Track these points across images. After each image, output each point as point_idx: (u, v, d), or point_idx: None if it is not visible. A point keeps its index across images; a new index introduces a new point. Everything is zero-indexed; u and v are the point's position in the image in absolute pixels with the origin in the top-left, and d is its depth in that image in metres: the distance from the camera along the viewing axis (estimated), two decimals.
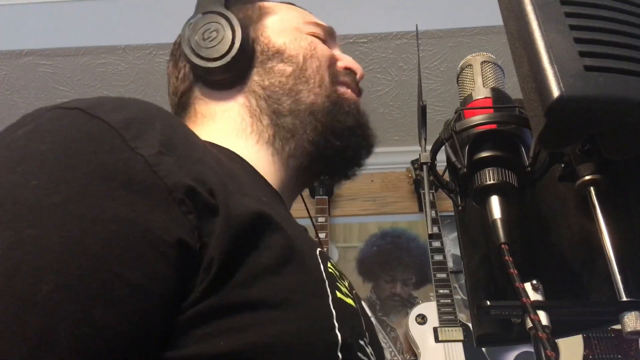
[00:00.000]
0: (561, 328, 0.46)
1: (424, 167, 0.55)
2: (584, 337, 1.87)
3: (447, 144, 0.54)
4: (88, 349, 0.32)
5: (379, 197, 2.41)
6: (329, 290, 0.48)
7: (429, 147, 0.55)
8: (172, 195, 0.38)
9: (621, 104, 0.37)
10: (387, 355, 0.58)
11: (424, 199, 0.61)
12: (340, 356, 0.43)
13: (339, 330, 0.44)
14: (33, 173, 0.36)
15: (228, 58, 0.62)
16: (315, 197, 2.22)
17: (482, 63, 0.58)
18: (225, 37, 0.63)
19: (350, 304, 0.51)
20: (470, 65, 0.58)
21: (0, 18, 2.01)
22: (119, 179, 0.37)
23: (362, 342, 0.48)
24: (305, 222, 2.38)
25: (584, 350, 1.85)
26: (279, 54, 0.66)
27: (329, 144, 0.65)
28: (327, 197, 2.24)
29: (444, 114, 2.16)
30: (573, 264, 0.55)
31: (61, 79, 2.10)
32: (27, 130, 0.39)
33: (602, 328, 1.82)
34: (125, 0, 2.00)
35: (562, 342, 1.79)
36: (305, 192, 2.25)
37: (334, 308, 0.46)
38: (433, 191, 1.95)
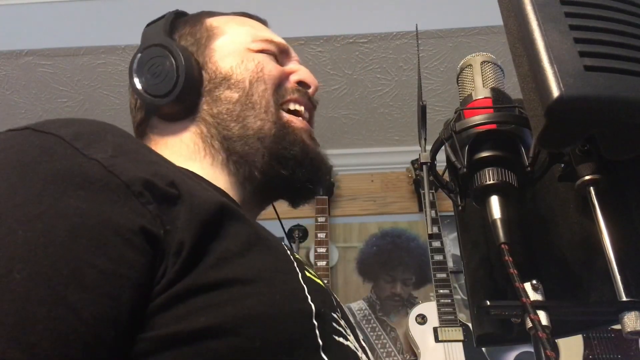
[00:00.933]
0: (561, 328, 0.46)
1: (424, 167, 0.55)
2: (584, 337, 1.87)
3: (447, 144, 0.54)
4: (66, 329, 0.34)
5: (379, 197, 2.41)
6: (297, 269, 0.51)
7: (429, 147, 0.55)
8: (129, 189, 0.41)
9: (621, 104, 0.37)
10: (359, 334, 0.58)
11: (424, 199, 0.61)
12: (315, 323, 0.45)
13: (311, 301, 0.47)
14: None
15: (175, 94, 0.63)
16: (315, 197, 2.22)
17: (482, 63, 0.58)
18: (170, 72, 0.63)
19: (319, 283, 0.53)
20: (470, 65, 0.58)
21: (0, 18, 2.01)
22: (76, 181, 0.39)
23: (335, 315, 0.50)
24: (307, 222, 2.35)
25: (584, 350, 1.85)
26: (225, 80, 0.66)
27: (276, 172, 0.65)
28: (327, 197, 2.25)
29: (444, 114, 2.16)
30: (573, 264, 0.55)
31: (61, 79, 2.10)
32: None
33: (602, 328, 1.82)
34: (125, 0, 2.00)
35: (562, 342, 1.79)
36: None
37: (304, 283, 0.49)
38: (433, 191, 1.95)
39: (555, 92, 0.36)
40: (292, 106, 0.69)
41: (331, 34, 1.92)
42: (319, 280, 0.54)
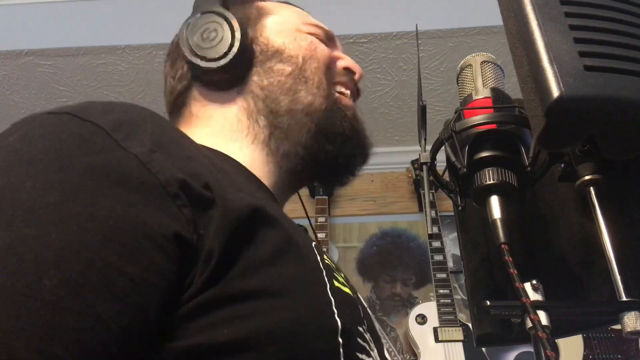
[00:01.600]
0: (561, 328, 0.46)
1: (424, 167, 0.55)
2: (584, 337, 1.87)
3: (447, 144, 0.54)
4: (93, 341, 0.33)
5: (379, 197, 2.41)
6: (326, 279, 0.49)
7: (429, 147, 0.55)
8: (166, 190, 0.39)
9: (621, 104, 0.37)
10: (386, 344, 0.58)
11: (424, 199, 0.61)
12: (340, 341, 0.44)
13: (338, 316, 0.45)
14: (27, 175, 0.37)
15: (227, 58, 0.62)
16: (315, 197, 2.22)
17: (482, 63, 0.58)
18: (224, 37, 0.62)
19: (347, 292, 0.52)
20: (470, 65, 0.58)
21: (0, 18, 2.01)
22: (113, 177, 0.38)
23: (360, 329, 0.49)
24: (305, 223, 2.38)
25: (584, 350, 1.85)
26: (278, 54, 0.66)
27: (322, 148, 0.65)
28: (327, 197, 2.25)
29: (444, 114, 2.16)
30: (573, 264, 0.55)
31: (61, 79, 2.10)
32: (18, 136, 0.40)
33: (602, 328, 1.82)
34: (125, 0, 2.00)
35: (562, 342, 1.79)
36: (305, 192, 2.25)
37: (332, 295, 0.47)
38: (433, 191, 1.95)
39: (555, 92, 0.36)
40: (339, 88, 0.70)
41: None
42: (347, 289, 0.52)
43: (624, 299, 0.42)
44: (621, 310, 0.42)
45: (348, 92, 0.70)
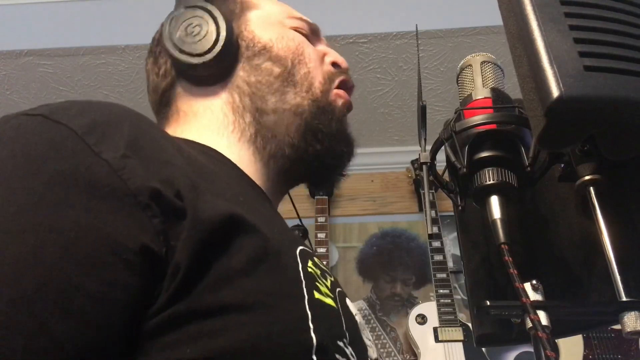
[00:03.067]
0: (561, 328, 0.46)
1: (424, 167, 0.55)
2: (584, 337, 1.87)
3: (447, 144, 0.54)
4: None
5: (379, 197, 2.41)
6: (305, 290, 0.46)
7: (429, 147, 0.55)
8: (136, 199, 0.37)
9: (621, 104, 0.37)
10: (373, 353, 0.57)
11: (424, 199, 0.61)
12: (314, 359, 0.41)
13: (314, 332, 0.43)
14: None
15: (213, 53, 0.61)
16: (315, 197, 2.22)
17: (482, 63, 0.58)
18: (209, 32, 0.61)
19: (328, 304, 0.49)
20: (470, 65, 0.58)
21: (0, 18, 2.01)
22: (81, 184, 0.36)
23: (340, 343, 0.47)
24: (307, 222, 2.36)
25: (584, 350, 1.85)
26: (265, 51, 0.65)
27: (310, 147, 0.64)
28: (327, 197, 2.24)
29: (444, 114, 2.16)
30: (573, 264, 0.55)
31: (61, 79, 2.10)
32: None
33: (602, 328, 1.82)
34: (125, 0, 2.00)
35: (562, 342, 1.79)
36: (305, 192, 2.25)
37: (309, 309, 0.44)
38: (433, 191, 1.95)
39: (555, 92, 0.36)
40: (334, 92, 0.68)
41: (331, 34, 1.92)
42: (329, 300, 0.49)
43: (624, 299, 0.42)
44: (621, 310, 0.42)
45: (342, 97, 0.69)
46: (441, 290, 1.90)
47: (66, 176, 0.36)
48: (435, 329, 1.84)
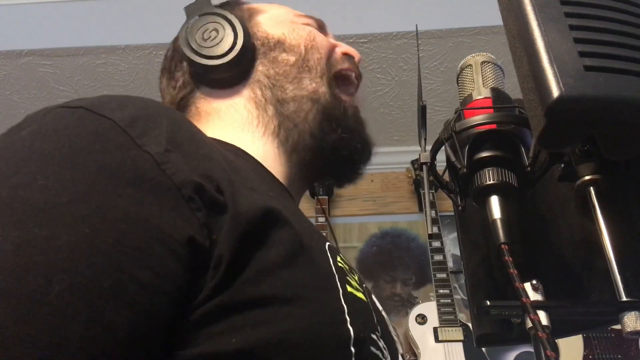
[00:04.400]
0: (561, 328, 0.46)
1: (424, 167, 0.55)
2: (584, 337, 1.87)
3: (447, 144, 0.54)
4: (99, 349, 0.32)
5: (379, 197, 2.41)
6: (339, 284, 0.47)
7: (429, 147, 0.55)
8: (180, 192, 0.38)
9: (621, 104, 0.37)
10: (400, 348, 0.58)
11: (424, 199, 0.61)
12: (353, 350, 0.43)
13: (350, 325, 0.44)
14: (39, 172, 0.35)
15: (233, 54, 0.63)
16: (315, 197, 2.22)
17: (482, 63, 0.58)
18: (226, 35, 0.63)
19: (361, 298, 0.50)
20: (470, 65, 0.58)
21: (0, 18, 2.01)
22: (127, 176, 0.37)
23: (374, 336, 0.48)
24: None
25: (584, 350, 1.85)
26: (280, 44, 0.68)
27: (326, 136, 0.66)
28: (327, 197, 2.24)
29: (444, 114, 2.15)
30: (573, 264, 0.55)
31: (61, 79, 2.10)
32: (31, 130, 0.39)
33: (602, 328, 1.82)
34: (125, 0, 2.00)
35: (562, 342, 1.79)
36: (305, 192, 2.24)
37: (344, 302, 0.46)
38: (433, 191, 1.95)
39: (555, 92, 0.36)
40: (345, 73, 0.71)
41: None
42: (360, 294, 0.51)
43: (624, 299, 0.42)
44: (621, 310, 0.42)
45: (353, 74, 0.72)
46: (441, 290, 1.90)
47: (113, 168, 0.37)
48: (435, 329, 1.84)
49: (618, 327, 0.42)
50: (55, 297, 0.31)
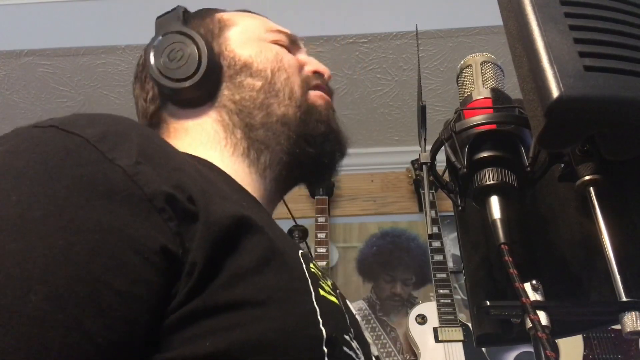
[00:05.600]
0: (561, 328, 0.46)
1: (424, 167, 0.55)
2: (584, 337, 1.87)
3: (447, 144, 0.54)
4: (79, 356, 0.32)
5: (379, 197, 2.41)
6: (312, 287, 0.49)
7: (429, 147, 0.55)
8: (152, 203, 0.39)
9: (621, 104, 0.37)
10: (375, 351, 0.58)
11: (424, 199, 0.61)
12: (325, 350, 0.44)
13: (323, 325, 0.45)
14: (13, 189, 0.36)
15: (198, 77, 0.63)
16: (315, 197, 2.22)
17: (482, 63, 0.58)
18: (191, 56, 0.63)
19: (333, 301, 0.52)
20: (470, 65, 0.58)
21: (0, 18, 2.01)
22: (99, 189, 0.38)
23: (346, 337, 0.49)
24: (307, 222, 2.35)
25: (584, 350, 1.85)
26: (246, 68, 0.67)
27: (304, 151, 0.66)
28: (327, 197, 2.24)
29: (444, 114, 2.15)
30: (573, 264, 0.55)
31: (61, 79, 2.10)
32: (3, 150, 0.40)
33: (602, 328, 1.82)
34: (125, 0, 2.00)
35: (562, 342, 1.79)
36: (305, 192, 2.25)
37: (317, 304, 0.47)
38: (433, 191, 1.95)
39: (555, 93, 0.36)
40: (312, 93, 0.70)
41: (331, 34, 1.92)
42: (333, 298, 0.52)
43: (624, 299, 0.42)
44: (621, 310, 0.42)
45: (320, 97, 0.71)
46: (441, 290, 1.90)
47: (85, 181, 0.38)
48: (435, 329, 1.84)
49: (618, 327, 0.42)
50: (33, 307, 0.32)
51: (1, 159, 0.39)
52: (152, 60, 0.63)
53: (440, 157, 0.55)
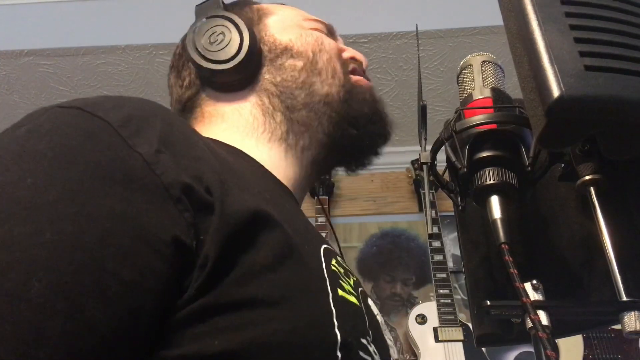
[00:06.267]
0: (561, 328, 0.46)
1: (424, 167, 0.55)
2: (584, 337, 1.87)
3: (447, 144, 0.54)
4: (79, 346, 0.32)
5: (379, 197, 2.41)
6: (329, 288, 0.47)
7: (429, 147, 0.55)
8: (168, 192, 0.38)
9: (621, 104, 0.37)
10: (394, 353, 0.57)
11: (424, 199, 0.61)
12: (339, 355, 0.42)
13: (338, 329, 0.44)
14: (29, 171, 0.36)
15: (239, 59, 0.62)
16: (316, 197, 2.22)
17: (482, 63, 0.58)
18: (232, 39, 0.63)
19: (352, 302, 0.50)
20: (470, 65, 0.58)
21: (0, 18, 2.01)
22: (116, 176, 0.37)
23: (363, 341, 0.47)
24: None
25: (584, 350, 1.85)
26: (287, 51, 0.67)
27: (346, 132, 0.66)
28: (327, 197, 2.24)
29: (444, 114, 2.15)
30: (573, 264, 0.55)
31: (61, 79, 2.10)
32: (26, 129, 0.39)
33: (602, 328, 1.82)
34: (125, 0, 2.00)
35: (562, 342, 1.79)
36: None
37: (334, 306, 0.45)
38: (433, 191, 1.95)
39: (556, 92, 0.36)
40: (354, 76, 0.70)
41: None
42: (352, 298, 0.50)
43: (624, 299, 0.42)
44: (621, 310, 0.42)
45: (363, 79, 0.71)
46: (441, 290, 1.90)
47: (102, 167, 0.37)
48: (435, 329, 1.84)
49: (618, 327, 0.42)
50: (34, 294, 0.31)
51: (22, 139, 0.38)
52: (193, 43, 0.63)
53: (441, 157, 0.55)
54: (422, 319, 1.90)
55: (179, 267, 0.37)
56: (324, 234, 2.09)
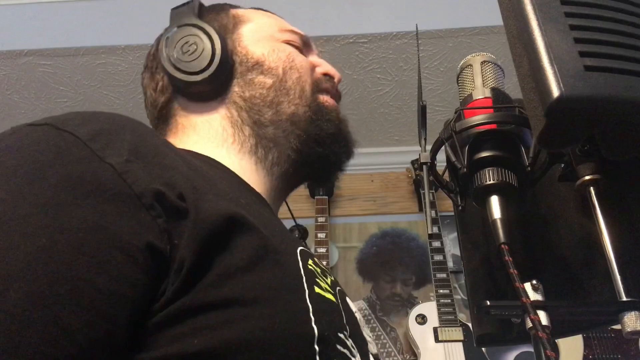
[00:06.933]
0: (561, 328, 0.46)
1: (424, 167, 0.55)
2: (584, 337, 1.87)
3: (447, 144, 0.54)
4: (57, 354, 0.33)
5: (379, 197, 2.41)
6: (306, 285, 0.48)
7: (429, 147, 0.55)
8: (140, 200, 0.39)
9: (621, 104, 0.37)
10: (373, 348, 0.58)
11: (424, 199, 0.61)
12: (317, 349, 0.44)
13: (315, 323, 0.45)
14: (1, 187, 0.37)
15: (210, 71, 0.63)
16: (315, 197, 2.22)
17: (482, 63, 0.58)
18: (205, 50, 0.63)
19: (328, 299, 0.51)
20: (470, 65, 0.58)
21: (0, 18, 2.00)
22: (88, 187, 0.38)
23: (341, 335, 0.48)
24: (307, 222, 2.35)
25: (584, 350, 1.85)
26: (258, 65, 0.67)
27: (312, 150, 0.67)
28: (327, 197, 2.24)
29: (444, 114, 2.15)
30: (573, 264, 0.55)
31: (61, 79, 2.10)
32: None
33: (602, 328, 1.82)
34: (125, 0, 2.00)
35: (562, 342, 1.79)
36: (305, 192, 2.25)
37: (310, 302, 0.46)
38: (433, 191, 1.95)
39: (556, 92, 0.36)
40: (322, 95, 0.71)
41: (331, 34, 1.92)
42: (329, 295, 0.51)
43: (624, 299, 0.42)
44: (621, 310, 0.42)
45: (329, 99, 0.72)
46: (441, 290, 1.90)
47: (73, 180, 0.38)
48: (435, 329, 1.84)
49: (618, 327, 0.42)
50: (11, 304, 0.32)
51: None
52: (165, 51, 0.63)
53: (441, 157, 0.55)
54: (422, 319, 1.90)
55: (154, 272, 0.38)
56: (323, 234, 2.09)
